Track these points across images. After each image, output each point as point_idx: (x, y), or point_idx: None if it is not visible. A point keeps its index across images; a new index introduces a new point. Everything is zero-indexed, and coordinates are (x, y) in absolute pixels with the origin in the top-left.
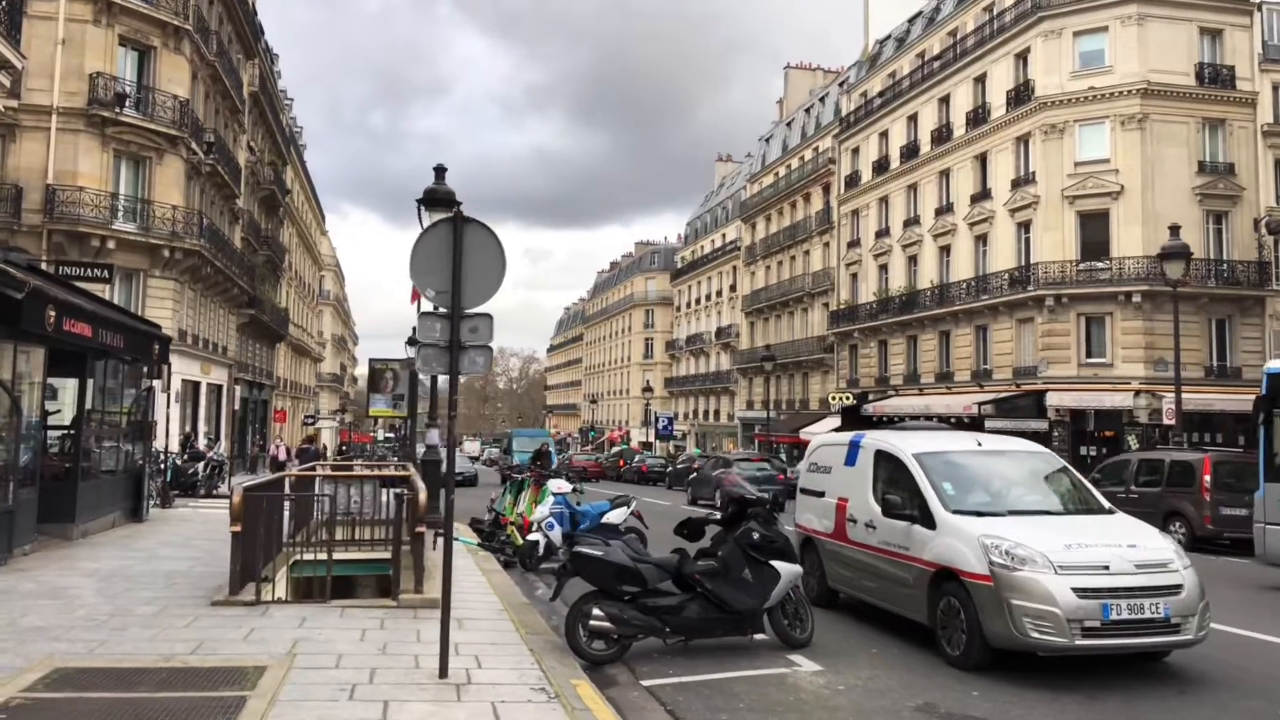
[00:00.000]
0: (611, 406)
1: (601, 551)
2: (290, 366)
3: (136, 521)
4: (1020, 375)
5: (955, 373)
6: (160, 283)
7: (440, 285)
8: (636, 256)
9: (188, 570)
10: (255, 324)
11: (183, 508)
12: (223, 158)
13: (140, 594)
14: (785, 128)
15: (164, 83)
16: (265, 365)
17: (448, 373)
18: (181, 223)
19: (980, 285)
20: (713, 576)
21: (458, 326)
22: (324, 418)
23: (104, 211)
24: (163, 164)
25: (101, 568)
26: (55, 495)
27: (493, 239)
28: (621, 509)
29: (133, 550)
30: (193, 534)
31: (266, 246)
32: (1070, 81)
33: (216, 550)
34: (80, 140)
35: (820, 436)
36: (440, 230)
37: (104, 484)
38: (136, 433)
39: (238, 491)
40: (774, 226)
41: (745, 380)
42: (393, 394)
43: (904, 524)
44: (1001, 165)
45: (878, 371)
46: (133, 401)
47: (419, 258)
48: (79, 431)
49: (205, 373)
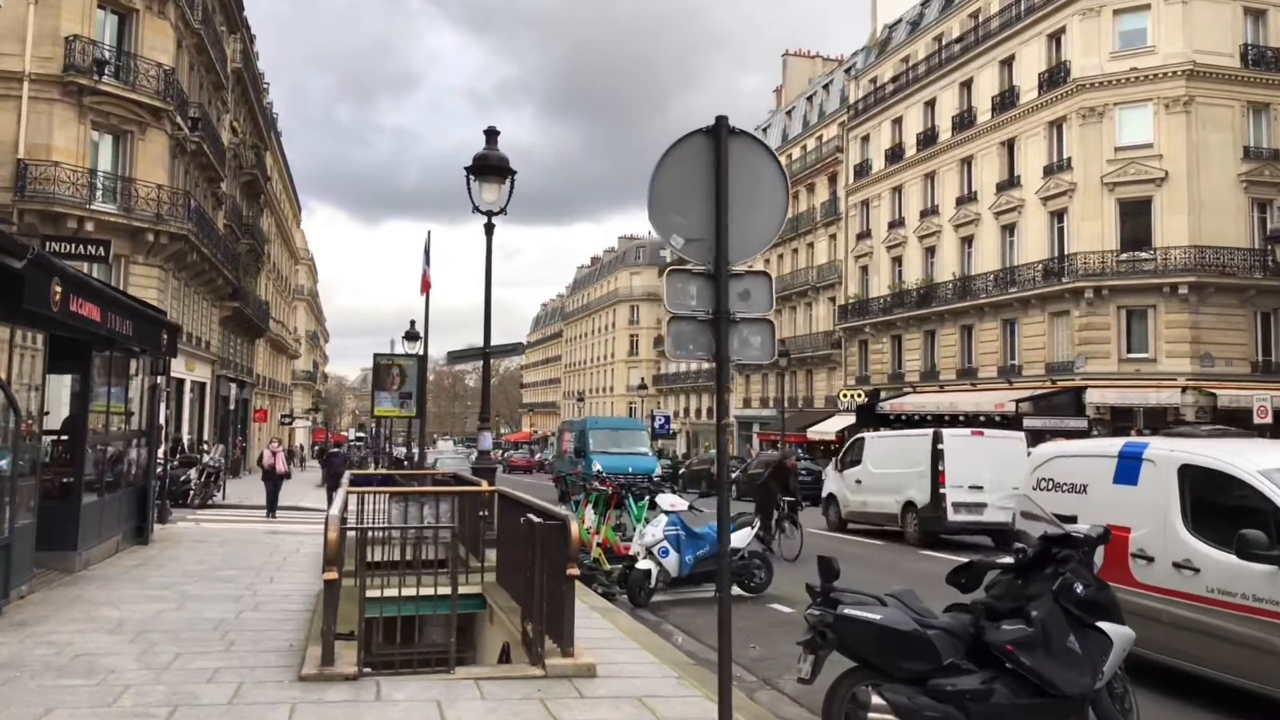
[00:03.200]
0: (595, 404)
1: (880, 615)
2: (269, 363)
3: (142, 543)
4: (1054, 371)
5: (980, 369)
6: (144, 270)
7: (694, 229)
8: (620, 251)
9: (237, 619)
10: (238, 317)
11: (182, 522)
12: (208, 135)
13: (196, 663)
14: (785, 116)
15: (146, 49)
16: (245, 362)
17: (711, 359)
18: (167, 204)
19: (1008, 277)
20: (1029, 647)
21: (724, 290)
22: (299, 416)
23: (82, 190)
24: (145, 139)
25: (127, 617)
26: (53, 517)
27: (770, 160)
28: (745, 530)
29: (154, 587)
30: (215, 560)
31: (249, 235)
32: (1110, 62)
33: (255, 585)
34: (55, 110)
35: (1053, 446)
36: (694, 150)
37: (107, 502)
38: (140, 438)
39: (332, 526)
40: None
41: (742, 377)
42: (399, 392)
43: (1270, 569)
44: (1032, 151)
45: (891, 368)
46: (139, 401)
47: (661, 189)
48: (79, 438)
49: (189, 369)
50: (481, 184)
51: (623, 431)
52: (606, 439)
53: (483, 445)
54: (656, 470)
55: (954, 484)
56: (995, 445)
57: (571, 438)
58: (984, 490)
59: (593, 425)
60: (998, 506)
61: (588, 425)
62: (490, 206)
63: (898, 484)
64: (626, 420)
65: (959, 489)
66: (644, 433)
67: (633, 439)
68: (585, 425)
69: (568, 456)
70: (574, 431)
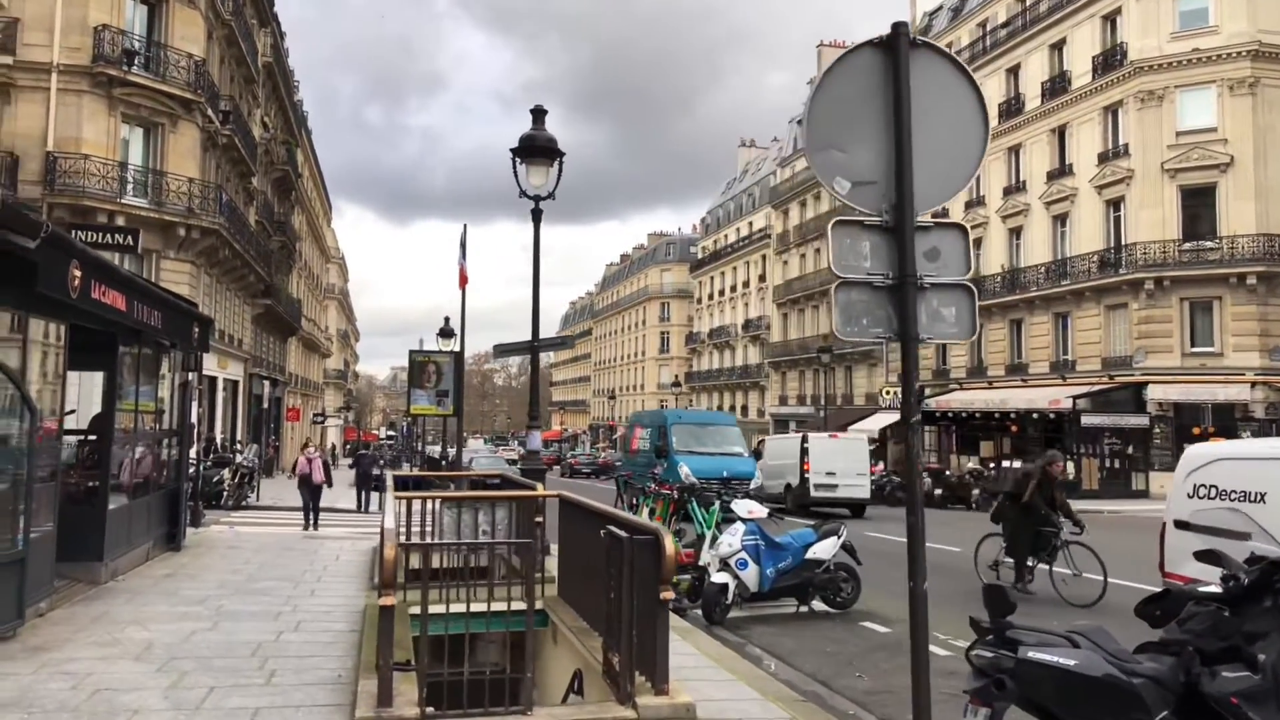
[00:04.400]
0: (625, 402)
1: (1075, 660)
2: (301, 362)
3: (173, 550)
4: (1111, 366)
5: (1030, 364)
6: (176, 265)
7: (863, 170)
8: (650, 248)
9: (277, 641)
10: (270, 315)
11: (215, 525)
12: (239, 129)
13: (233, 700)
14: None
15: (176, 40)
16: (278, 360)
17: (893, 337)
18: (198, 198)
19: (1060, 269)
20: (1258, 700)
21: (908, 247)
22: (330, 415)
23: (112, 183)
24: (176, 131)
25: (156, 639)
26: (77, 525)
27: (963, 79)
28: (830, 540)
29: (185, 602)
30: (251, 569)
31: (281, 232)
32: (1170, 43)
33: (295, 599)
34: (84, 102)
35: (1210, 447)
36: (862, 69)
37: (136, 507)
38: (171, 438)
39: (389, 543)
40: (810, 212)
41: (778, 374)
42: (435, 390)
43: None
44: (1085, 138)
45: (935, 364)
46: (170, 399)
47: (820, 121)
48: (106, 439)
49: (222, 367)
50: (528, 167)
51: (711, 427)
52: (691, 436)
53: (532, 444)
54: (756, 474)
55: (815, 471)
56: (846, 444)
57: (645, 435)
58: (836, 475)
59: (674, 420)
60: (846, 486)
61: (667, 420)
62: (537, 190)
63: (781, 471)
64: (714, 414)
65: (819, 474)
66: (736, 429)
67: (723, 436)
68: (664, 420)
69: (641, 456)
70: (648, 427)
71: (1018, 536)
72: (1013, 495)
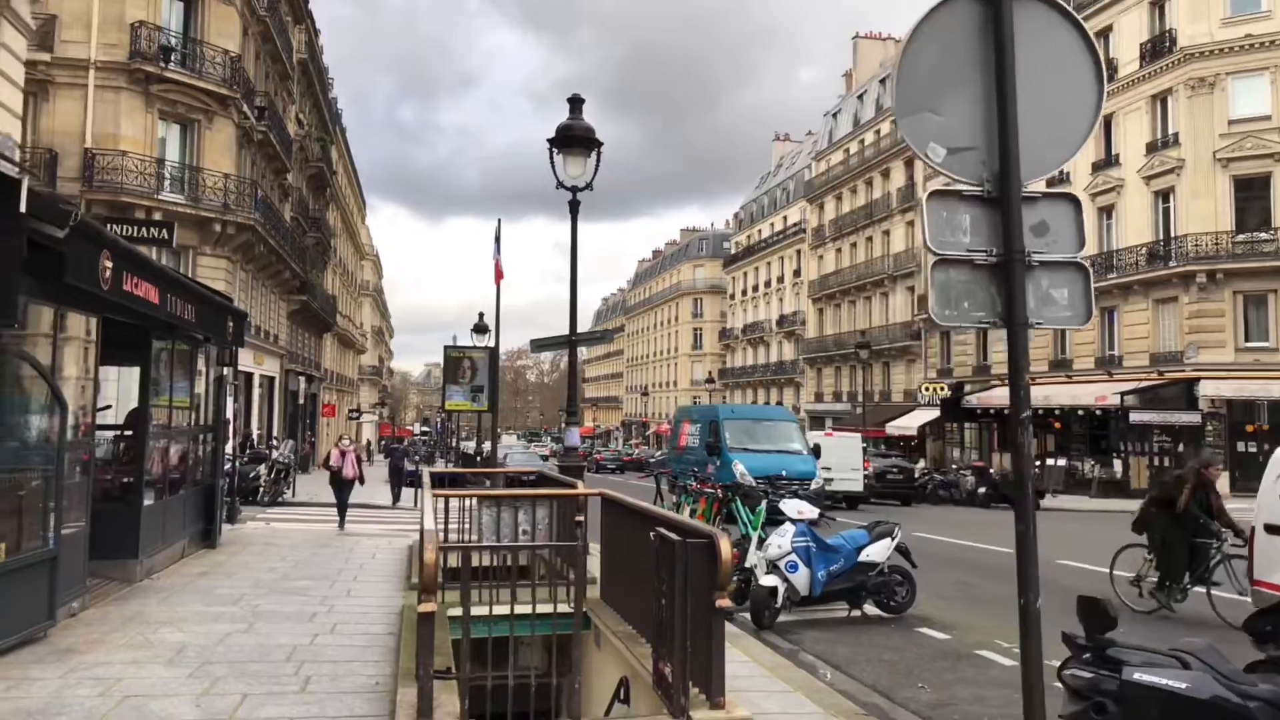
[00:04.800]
0: (658, 399)
1: (1186, 682)
2: (336, 358)
3: (209, 547)
4: (1160, 362)
5: (1074, 360)
6: (212, 261)
7: (960, 133)
8: (682, 244)
9: (312, 644)
10: (305, 312)
11: (251, 522)
12: (274, 125)
13: (267, 709)
14: (856, 101)
15: (213, 36)
16: (314, 356)
17: (997, 320)
18: (234, 193)
19: (1106, 262)
20: None
21: (1015, 220)
22: (366, 411)
23: (149, 179)
24: (212, 128)
25: (189, 642)
26: (111, 522)
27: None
28: (884, 541)
29: (220, 601)
30: (286, 568)
31: (316, 229)
32: (1221, 29)
33: (331, 599)
34: (121, 99)
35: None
36: (957, 20)
37: (172, 504)
38: (207, 434)
39: (429, 545)
40: (846, 206)
41: (813, 371)
42: (471, 385)
43: None
44: (1132, 127)
45: (975, 359)
46: (205, 395)
47: (911, 78)
48: (141, 435)
49: (259, 363)
50: (566, 157)
51: (766, 423)
52: (745, 432)
53: (570, 441)
54: (817, 474)
55: None
56: (841, 441)
57: (694, 431)
58: (832, 470)
59: (726, 415)
60: (840, 480)
61: (719, 415)
62: (575, 181)
63: None
64: (770, 409)
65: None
66: (794, 425)
67: (780, 432)
68: (716, 415)
69: (690, 454)
70: (698, 423)
71: (1170, 549)
72: (1161, 501)
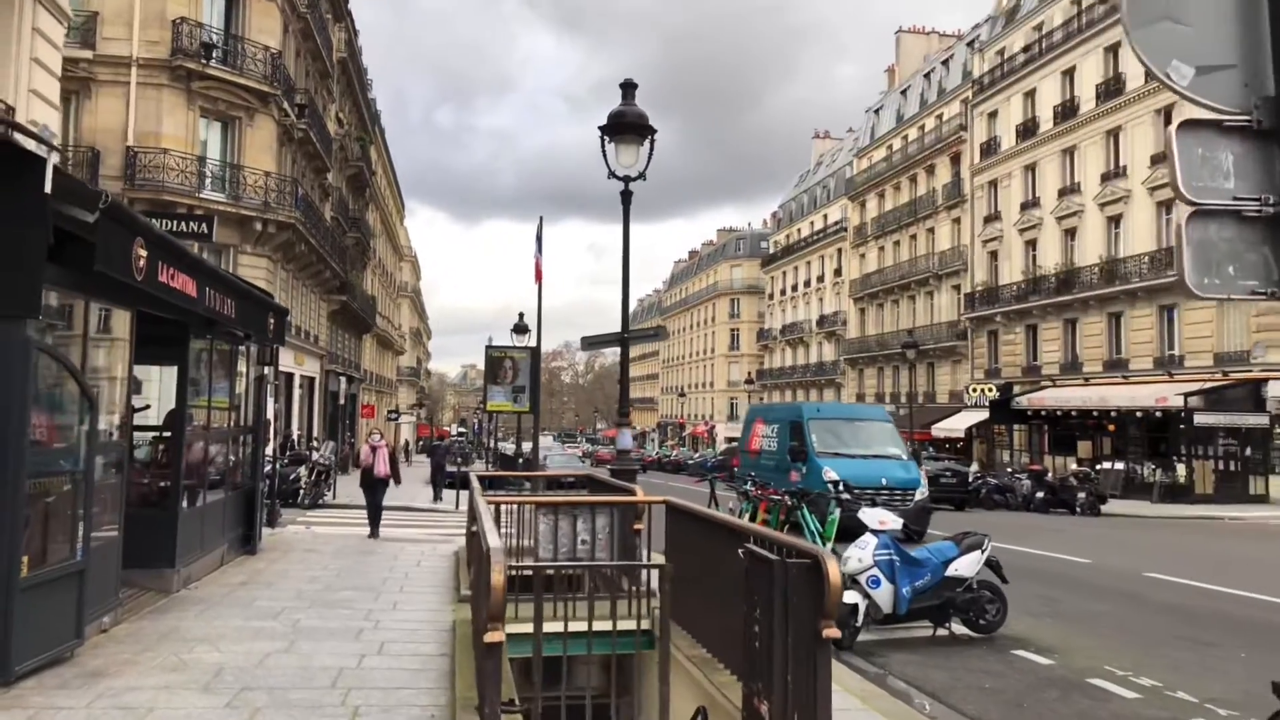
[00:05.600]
0: (694, 400)
1: None
2: (375, 359)
3: (249, 553)
4: (1225, 362)
5: (1131, 360)
6: (253, 260)
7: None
8: (719, 244)
9: (359, 667)
10: (345, 312)
11: (292, 525)
12: (314, 124)
13: None
14: (899, 96)
15: (254, 32)
16: (353, 357)
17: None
18: (274, 192)
19: (1166, 258)
20: None
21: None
22: (404, 412)
23: (190, 178)
24: (253, 125)
25: (227, 663)
26: (147, 529)
27: None
28: (973, 554)
29: (260, 615)
30: (329, 577)
31: (355, 229)
32: None
33: (376, 614)
34: (163, 96)
35: None
36: None
37: (210, 509)
38: (247, 435)
39: (496, 567)
40: (889, 204)
41: (854, 371)
42: (512, 386)
43: None
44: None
45: (1025, 360)
46: (245, 395)
47: None
48: (179, 436)
49: (299, 363)
50: (618, 145)
51: (858, 423)
52: (832, 434)
53: (623, 443)
54: (922, 484)
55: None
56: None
57: (770, 432)
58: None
59: (811, 415)
60: None
61: (804, 415)
62: (627, 171)
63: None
64: (861, 407)
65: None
66: (890, 425)
67: (874, 434)
68: (800, 414)
69: (767, 459)
70: (775, 423)
71: None
72: None
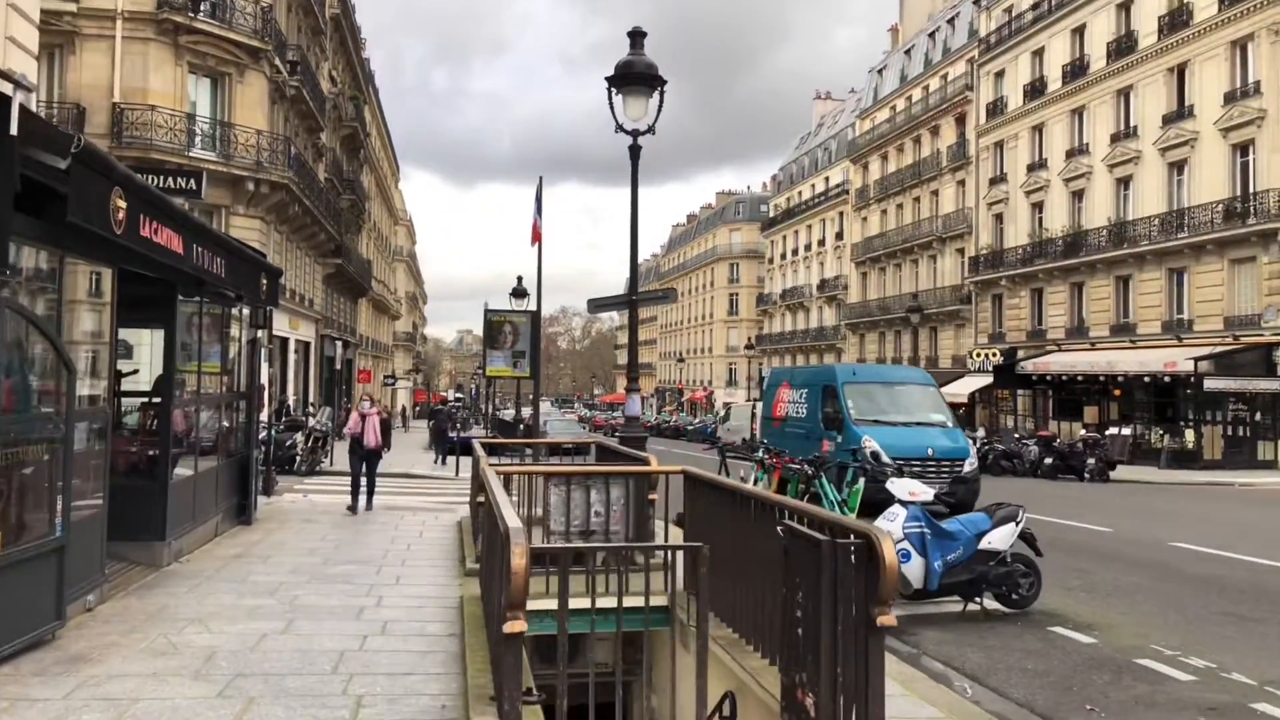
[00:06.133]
0: (693, 366)
1: None
2: (371, 324)
3: (244, 523)
4: (1236, 326)
5: (1139, 324)
6: (245, 221)
7: None
8: (718, 208)
9: (361, 650)
10: (340, 275)
11: (288, 493)
12: (307, 81)
13: None
14: (903, 56)
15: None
16: (349, 322)
17: None
18: (266, 151)
19: (1177, 221)
20: None
21: None
22: (400, 378)
23: (179, 135)
24: (244, 82)
25: (219, 646)
26: (136, 499)
27: None
28: (1007, 527)
29: (255, 592)
30: (327, 549)
31: (350, 191)
32: None
33: (378, 588)
34: (150, 51)
35: None
36: None
37: (203, 477)
38: (240, 401)
39: (516, 549)
40: (892, 165)
41: (855, 336)
42: (512, 350)
43: None
44: (1209, 76)
45: (1030, 324)
46: (238, 359)
47: None
48: (167, 403)
49: (294, 327)
50: (625, 97)
51: (898, 388)
52: (868, 400)
53: (631, 410)
54: (971, 454)
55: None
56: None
57: (797, 398)
58: None
59: (847, 378)
60: None
61: (837, 378)
62: (636, 124)
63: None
64: (901, 369)
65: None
66: (933, 388)
67: (917, 400)
68: (833, 377)
69: (793, 426)
70: (804, 387)
71: None
72: None
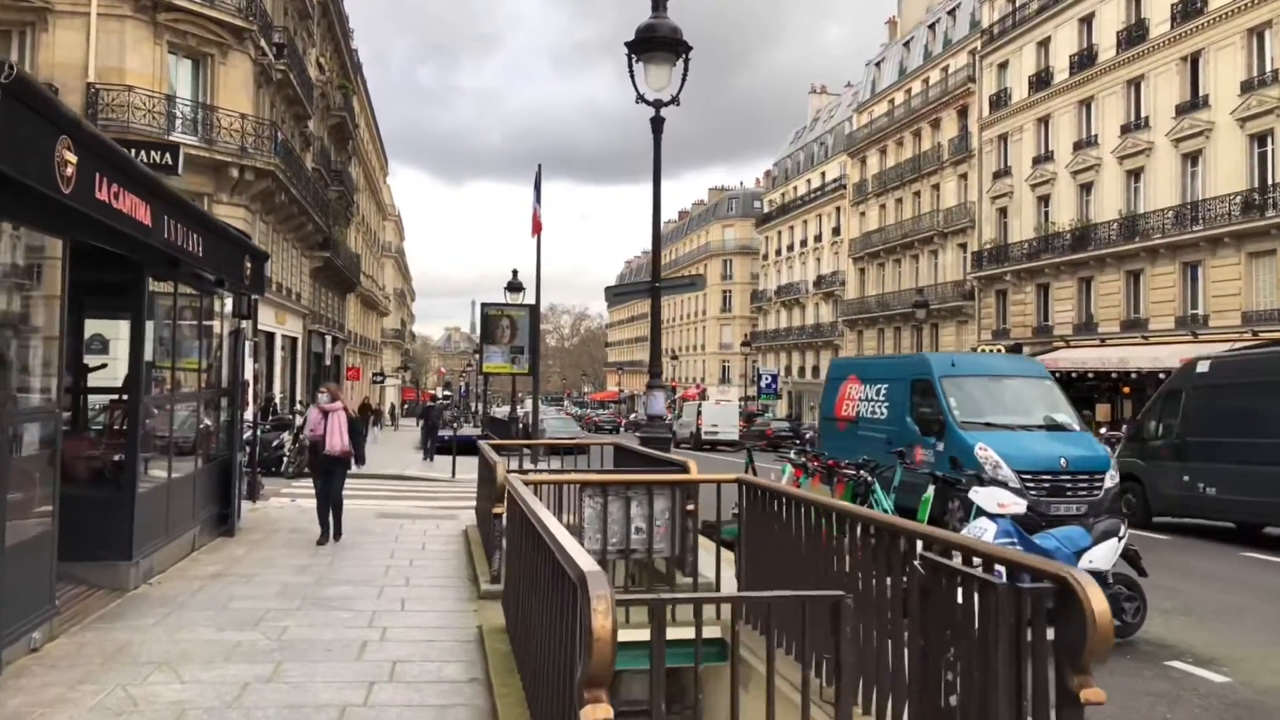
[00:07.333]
0: (685, 363)
1: None
2: (359, 320)
3: (225, 534)
4: (1254, 321)
5: (1151, 320)
6: (228, 210)
7: None
8: (710, 204)
9: (366, 705)
10: (329, 269)
11: (275, 498)
12: (294, 65)
13: None
14: (902, 48)
15: None
16: (337, 317)
17: None
18: (251, 136)
19: (1191, 213)
20: None
21: None
22: (389, 375)
23: (158, 118)
24: (227, 63)
25: (191, 701)
26: (98, 513)
27: None
28: (1109, 544)
29: (236, 623)
30: (321, 565)
31: (339, 182)
32: None
33: (380, 617)
34: (127, 29)
35: None
36: None
37: (178, 486)
38: (222, 399)
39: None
40: (891, 160)
41: (853, 333)
42: (510, 346)
43: None
44: (1224, 65)
45: (1036, 320)
46: (220, 353)
47: None
48: (136, 399)
49: (280, 322)
50: (647, 65)
51: (1008, 381)
52: (976, 397)
53: (654, 408)
54: (1112, 465)
55: (707, 423)
56: (726, 406)
57: (874, 395)
58: (718, 426)
59: (944, 371)
60: (724, 432)
61: (932, 370)
62: (658, 94)
63: (688, 424)
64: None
65: (708, 425)
66: (1050, 382)
67: (1034, 396)
68: (927, 369)
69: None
70: (883, 382)
71: None
72: None
